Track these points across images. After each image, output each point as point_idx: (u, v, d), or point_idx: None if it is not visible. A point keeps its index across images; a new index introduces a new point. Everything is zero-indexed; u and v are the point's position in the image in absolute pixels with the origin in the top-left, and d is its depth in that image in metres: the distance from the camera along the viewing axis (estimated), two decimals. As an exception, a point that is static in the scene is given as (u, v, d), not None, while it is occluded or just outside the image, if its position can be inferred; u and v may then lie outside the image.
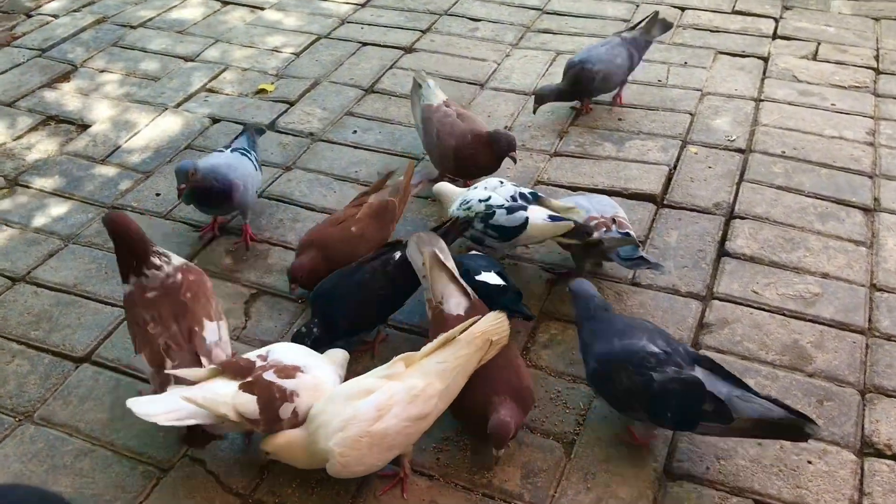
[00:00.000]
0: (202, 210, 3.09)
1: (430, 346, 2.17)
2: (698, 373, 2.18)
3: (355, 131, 3.73)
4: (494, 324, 2.19)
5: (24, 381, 2.56)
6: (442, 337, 2.16)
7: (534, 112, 3.71)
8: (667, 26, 3.91)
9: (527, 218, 2.72)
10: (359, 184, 3.40)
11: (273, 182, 3.42)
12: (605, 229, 2.73)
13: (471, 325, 2.18)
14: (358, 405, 2.04)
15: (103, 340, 2.70)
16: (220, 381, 2.13)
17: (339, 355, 2.40)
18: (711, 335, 2.67)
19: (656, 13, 3.86)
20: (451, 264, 2.46)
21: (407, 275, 2.57)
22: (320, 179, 3.45)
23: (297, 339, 2.49)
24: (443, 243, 2.53)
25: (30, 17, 4.84)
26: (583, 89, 3.67)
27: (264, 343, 2.54)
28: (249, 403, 2.08)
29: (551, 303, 2.82)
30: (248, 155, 3.18)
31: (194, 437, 2.28)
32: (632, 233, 2.77)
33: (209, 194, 2.94)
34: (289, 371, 2.18)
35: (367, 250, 2.71)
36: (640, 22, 3.88)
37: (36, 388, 2.54)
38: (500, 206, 2.75)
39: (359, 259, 2.66)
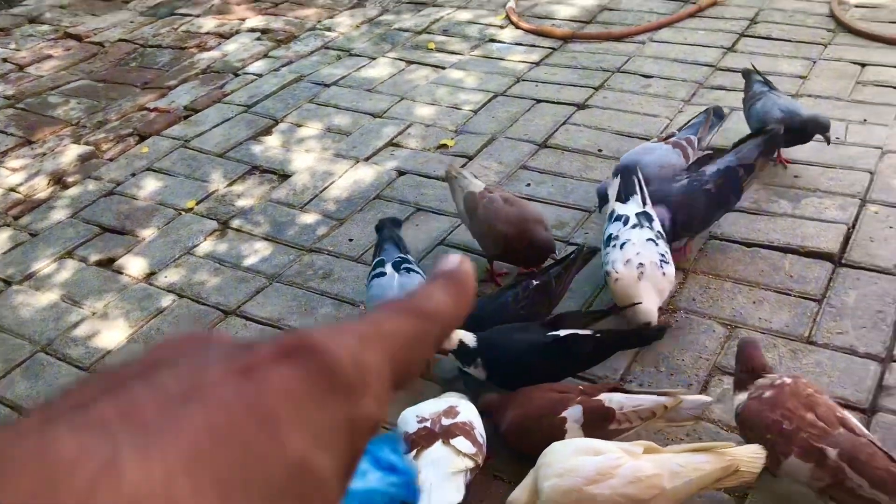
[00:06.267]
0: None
1: (680, 446, 2.18)
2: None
3: (529, 184, 3.92)
4: (753, 455, 2.09)
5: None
6: (699, 445, 2.14)
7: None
8: None
9: None
10: (533, 235, 3.59)
11: (453, 231, 3.66)
12: None
13: (727, 445, 2.13)
14: (582, 460, 2.07)
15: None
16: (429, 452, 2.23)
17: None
18: (891, 397, 2.64)
19: (747, 70, 4.02)
20: None
21: None
22: (497, 229, 3.66)
23: None
24: None
25: (237, 75, 5.40)
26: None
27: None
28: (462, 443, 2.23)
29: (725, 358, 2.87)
30: (413, 267, 2.90)
31: None
32: None
33: None
34: (449, 412, 2.32)
35: None
36: None
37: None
38: None
39: None
